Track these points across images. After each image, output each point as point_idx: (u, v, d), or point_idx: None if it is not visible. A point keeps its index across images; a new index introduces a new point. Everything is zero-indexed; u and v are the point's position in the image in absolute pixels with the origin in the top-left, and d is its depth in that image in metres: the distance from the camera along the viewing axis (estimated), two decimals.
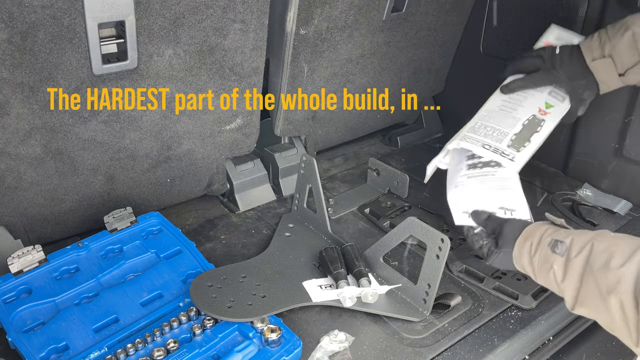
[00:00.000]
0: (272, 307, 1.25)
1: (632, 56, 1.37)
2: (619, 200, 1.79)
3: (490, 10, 2.11)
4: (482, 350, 1.24)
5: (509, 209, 1.33)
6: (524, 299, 1.36)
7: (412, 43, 1.97)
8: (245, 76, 1.56)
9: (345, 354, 1.21)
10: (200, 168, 1.69)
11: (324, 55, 1.72)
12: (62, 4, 1.15)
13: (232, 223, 1.71)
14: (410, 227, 1.33)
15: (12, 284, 1.31)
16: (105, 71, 1.30)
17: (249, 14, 1.43)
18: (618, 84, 1.42)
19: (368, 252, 1.45)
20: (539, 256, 1.14)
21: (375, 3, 1.71)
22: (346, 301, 1.30)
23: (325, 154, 2.15)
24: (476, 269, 1.46)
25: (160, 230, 1.52)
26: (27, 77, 1.21)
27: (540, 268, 1.14)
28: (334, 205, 1.79)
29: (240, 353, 1.14)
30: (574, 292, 1.06)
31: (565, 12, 1.88)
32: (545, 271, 1.12)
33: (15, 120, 1.27)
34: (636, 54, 1.36)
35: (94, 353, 1.15)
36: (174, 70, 1.41)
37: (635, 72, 1.38)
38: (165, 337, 1.19)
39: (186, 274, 1.37)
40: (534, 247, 1.16)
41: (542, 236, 1.15)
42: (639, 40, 1.35)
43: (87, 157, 1.44)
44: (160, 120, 1.49)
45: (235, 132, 1.68)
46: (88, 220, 1.56)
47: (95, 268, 1.37)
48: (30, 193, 1.41)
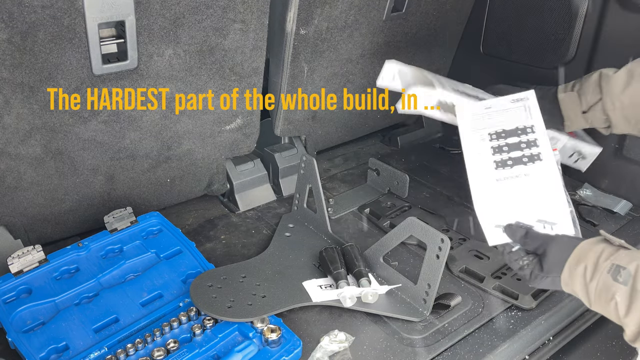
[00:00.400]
0: (272, 307, 1.25)
1: (595, 95, 1.38)
2: (619, 200, 1.79)
3: (491, 10, 2.11)
4: (482, 350, 1.24)
5: (549, 222, 1.16)
6: (524, 299, 1.36)
7: (412, 43, 1.97)
8: (245, 76, 1.56)
9: (345, 354, 1.21)
10: (200, 168, 1.69)
11: (324, 55, 1.72)
12: (62, 4, 1.15)
13: (232, 223, 1.71)
14: (410, 227, 1.33)
15: (12, 284, 1.31)
16: (105, 71, 1.30)
17: (249, 14, 1.43)
18: (581, 121, 1.42)
19: (368, 252, 1.45)
20: (597, 283, 1.01)
21: (375, 3, 1.71)
22: (346, 301, 1.30)
23: (325, 154, 2.15)
24: (476, 269, 1.46)
25: (160, 230, 1.52)
26: (27, 77, 1.21)
27: (598, 297, 1.01)
28: (334, 205, 1.79)
29: (240, 353, 1.14)
30: (639, 328, 0.96)
31: (565, 12, 1.88)
32: (604, 301, 1.00)
33: (16, 120, 1.27)
34: (599, 92, 1.38)
35: (94, 353, 1.15)
36: (174, 70, 1.41)
37: (596, 110, 1.39)
38: (165, 337, 1.19)
39: (186, 274, 1.37)
40: (589, 272, 1.02)
41: (599, 259, 1.02)
42: (603, 80, 1.37)
43: (87, 157, 1.44)
44: (160, 120, 1.49)
45: (235, 132, 1.68)
46: (88, 220, 1.56)
47: (95, 268, 1.37)
48: (31, 193, 1.41)
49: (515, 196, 1.18)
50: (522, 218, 1.16)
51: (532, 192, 1.18)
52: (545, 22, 1.95)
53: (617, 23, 1.76)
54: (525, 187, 1.18)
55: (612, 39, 1.78)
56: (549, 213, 1.16)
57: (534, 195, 1.17)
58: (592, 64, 1.85)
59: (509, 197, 1.18)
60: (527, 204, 1.17)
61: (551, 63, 1.96)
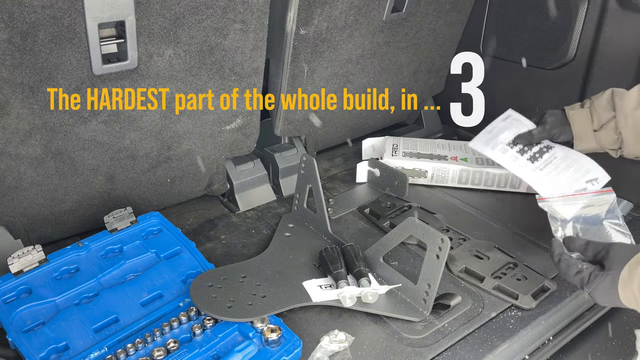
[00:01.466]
0: (272, 307, 1.25)
1: (608, 112, 1.42)
2: (620, 200, 1.79)
3: (491, 10, 2.11)
4: (482, 350, 1.24)
5: (592, 179, 1.45)
6: (524, 299, 1.36)
7: (412, 43, 1.97)
8: (245, 76, 1.56)
9: (345, 354, 1.21)
10: (201, 168, 1.69)
11: (324, 55, 1.72)
12: (62, 4, 1.15)
13: (232, 223, 1.72)
14: (410, 227, 1.33)
15: (12, 284, 1.31)
16: (105, 71, 1.30)
17: (249, 14, 1.43)
18: (592, 141, 1.47)
19: (368, 252, 1.45)
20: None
21: (375, 3, 1.71)
22: (346, 301, 1.30)
23: (325, 154, 2.15)
24: (476, 269, 1.46)
25: (160, 230, 1.52)
26: (27, 77, 1.21)
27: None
28: (334, 205, 1.79)
29: (240, 353, 1.14)
30: None
31: (565, 12, 1.88)
32: None
33: (16, 120, 1.27)
34: (612, 109, 1.41)
35: (94, 353, 1.15)
36: (174, 70, 1.41)
37: (608, 128, 1.42)
38: (165, 337, 1.19)
39: (186, 274, 1.37)
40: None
41: None
42: (616, 97, 1.40)
43: (87, 157, 1.44)
44: (160, 120, 1.49)
45: (235, 132, 1.68)
46: (88, 220, 1.56)
47: (95, 268, 1.37)
48: (31, 193, 1.41)
49: (560, 171, 1.48)
50: (573, 185, 1.44)
51: (568, 164, 1.49)
52: (545, 22, 1.95)
53: (617, 23, 1.76)
54: (561, 164, 1.50)
55: (612, 39, 1.78)
56: (589, 172, 1.46)
57: (570, 166, 1.49)
58: (592, 64, 1.85)
59: (556, 174, 1.48)
60: (571, 174, 1.47)
61: (551, 63, 1.96)
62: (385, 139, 2.03)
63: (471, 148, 1.65)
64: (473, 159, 1.91)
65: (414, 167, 1.90)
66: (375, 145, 2.07)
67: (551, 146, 1.55)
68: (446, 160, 1.90)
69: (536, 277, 1.42)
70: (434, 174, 1.90)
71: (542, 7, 1.94)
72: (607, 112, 1.42)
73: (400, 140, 2.04)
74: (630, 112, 1.38)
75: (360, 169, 1.95)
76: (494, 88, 2.18)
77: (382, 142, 2.04)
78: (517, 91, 2.08)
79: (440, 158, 1.92)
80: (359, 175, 1.96)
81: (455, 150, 1.97)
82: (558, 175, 1.48)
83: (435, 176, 1.91)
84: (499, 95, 2.17)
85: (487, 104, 2.21)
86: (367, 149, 2.08)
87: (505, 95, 2.14)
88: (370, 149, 2.08)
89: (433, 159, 1.91)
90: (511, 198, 1.85)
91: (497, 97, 2.18)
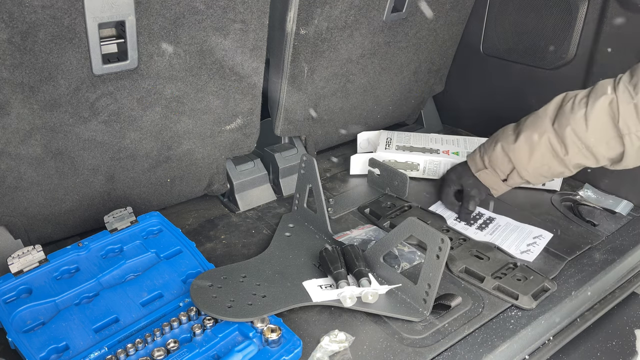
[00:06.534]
0: (272, 307, 1.25)
1: (506, 164, 1.56)
2: (620, 200, 1.79)
3: (491, 10, 2.11)
4: (482, 350, 1.24)
5: (538, 236, 1.62)
6: (524, 299, 1.36)
7: (412, 43, 1.97)
8: (245, 76, 1.56)
9: (345, 354, 1.21)
10: (201, 168, 1.69)
11: (324, 55, 1.72)
12: (62, 4, 1.15)
13: (232, 223, 1.72)
14: (410, 227, 1.33)
15: (12, 284, 1.31)
16: (105, 71, 1.30)
17: (249, 14, 1.43)
18: (505, 188, 1.64)
19: (368, 252, 1.45)
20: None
21: (375, 3, 1.71)
22: (346, 301, 1.30)
23: (325, 154, 2.15)
24: (476, 269, 1.46)
25: (161, 230, 1.52)
26: (27, 77, 1.21)
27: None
28: (334, 205, 1.79)
29: (241, 353, 1.14)
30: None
31: (565, 12, 1.88)
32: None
33: (16, 120, 1.27)
34: (509, 162, 1.54)
35: (94, 353, 1.15)
36: (174, 70, 1.41)
37: (513, 177, 1.56)
38: (165, 337, 1.19)
39: (186, 274, 1.37)
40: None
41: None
42: (507, 151, 1.53)
43: (87, 157, 1.44)
44: (161, 120, 1.49)
45: (235, 132, 1.68)
46: (88, 220, 1.56)
47: (95, 268, 1.38)
48: (31, 193, 1.41)
49: (507, 235, 1.65)
50: (524, 241, 1.61)
51: (511, 230, 1.66)
52: (545, 22, 1.95)
53: (617, 23, 1.76)
54: (506, 230, 1.67)
55: (612, 39, 1.79)
56: (532, 232, 1.65)
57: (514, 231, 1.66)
58: (592, 64, 1.85)
59: (505, 236, 1.64)
60: (517, 235, 1.65)
61: (551, 63, 1.96)
62: (380, 133, 2.08)
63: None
64: (465, 152, 1.92)
65: (406, 160, 1.94)
66: (370, 139, 2.11)
67: (492, 217, 1.71)
68: (438, 154, 1.93)
69: (536, 277, 1.43)
70: (426, 167, 1.94)
71: (542, 7, 1.94)
72: (505, 165, 1.56)
73: (395, 134, 2.07)
74: (525, 164, 1.51)
75: (354, 162, 1.98)
76: (494, 88, 2.18)
77: (377, 135, 2.08)
78: (517, 91, 2.08)
79: (433, 151, 1.95)
80: (352, 167, 1.99)
81: (447, 144, 2.00)
82: (508, 238, 1.62)
83: (427, 169, 1.95)
84: (499, 95, 2.17)
85: (487, 104, 2.21)
86: (362, 142, 2.11)
87: (505, 95, 2.14)
88: (365, 142, 2.11)
89: (425, 153, 1.95)
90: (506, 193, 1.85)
91: (497, 97, 2.18)
